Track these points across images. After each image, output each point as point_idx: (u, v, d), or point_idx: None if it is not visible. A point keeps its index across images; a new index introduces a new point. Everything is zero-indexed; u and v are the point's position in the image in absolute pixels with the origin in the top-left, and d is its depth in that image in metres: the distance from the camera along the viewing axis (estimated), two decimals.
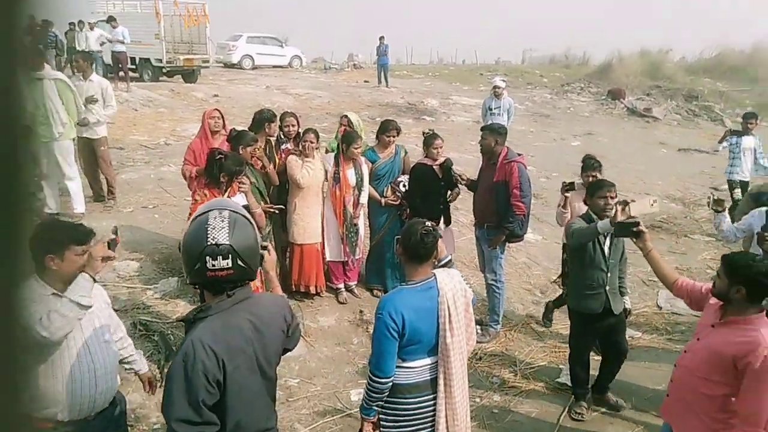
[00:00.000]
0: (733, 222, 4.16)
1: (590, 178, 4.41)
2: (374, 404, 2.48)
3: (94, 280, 2.24)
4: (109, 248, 2.30)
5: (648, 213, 3.42)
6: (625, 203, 3.26)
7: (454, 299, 2.46)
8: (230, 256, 1.66)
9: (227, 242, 1.66)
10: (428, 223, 2.50)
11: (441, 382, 2.50)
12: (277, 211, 4.63)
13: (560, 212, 4.66)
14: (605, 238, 3.70)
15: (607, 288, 3.73)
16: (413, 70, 26.91)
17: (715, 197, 4.16)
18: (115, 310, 4.46)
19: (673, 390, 2.70)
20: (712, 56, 23.77)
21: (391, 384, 2.43)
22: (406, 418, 2.50)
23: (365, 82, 20.58)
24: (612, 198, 3.64)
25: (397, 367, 2.44)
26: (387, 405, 2.50)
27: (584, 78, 22.41)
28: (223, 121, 4.99)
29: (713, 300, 2.57)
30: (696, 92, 19.45)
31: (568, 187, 4.58)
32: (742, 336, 2.33)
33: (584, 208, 3.93)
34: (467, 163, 8.70)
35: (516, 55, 34.54)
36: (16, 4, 0.57)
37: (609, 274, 3.73)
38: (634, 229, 2.96)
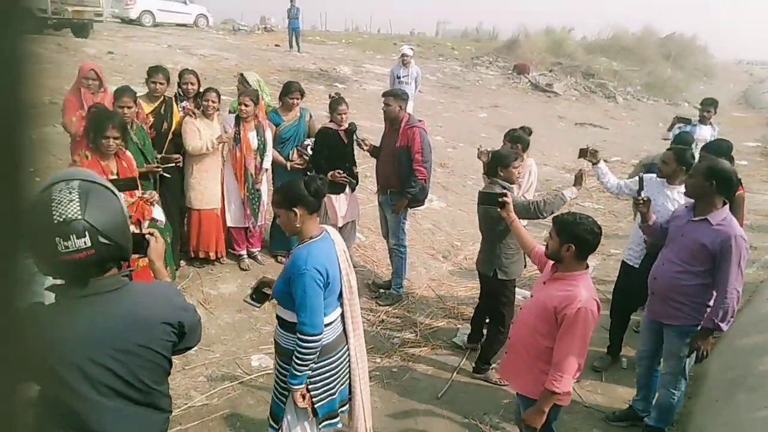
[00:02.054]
0: None
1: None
2: (307, 369, 2.42)
3: None
4: None
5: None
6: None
7: (341, 244, 2.61)
8: (87, 233, 1.38)
9: (79, 216, 1.37)
10: (321, 176, 2.54)
11: (350, 329, 2.61)
12: (162, 171, 4.30)
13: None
14: None
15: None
16: (327, 37, 26.35)
17: (591, 148, 4.28)
18: None
19: (510, 346, 2.88)
20: (608, 37, 25.31)
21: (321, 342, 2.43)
22: (333, 377, 2.54)
23: (276, 45, 19.87)
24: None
25: None
26: (315, 369, 2.47)
27: (493, 52, 23.08)
28: (101, 81, 4.51)
29: (547, 266, 2.78)
30: (593, 70, 20.70)
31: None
32: (563, 290, 2.53)
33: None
34: (378, 131, 8.67)
35: (431, 27, 34.94)
36: None
37: None
38: (500, 200, 3.20)
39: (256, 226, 5.09)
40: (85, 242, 1.38)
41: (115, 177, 3.53)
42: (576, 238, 2.51)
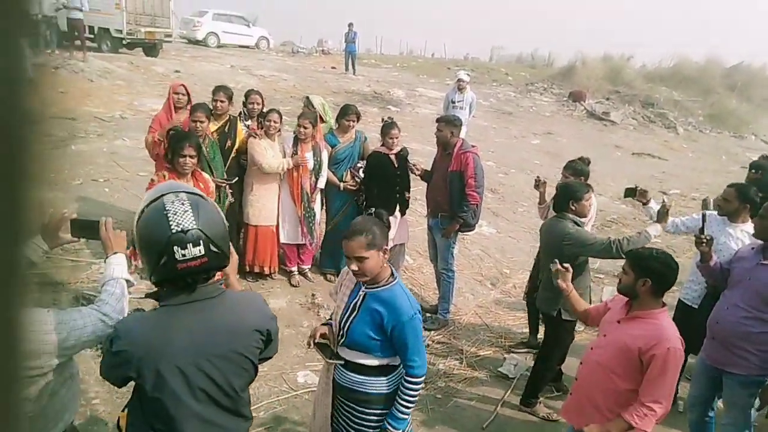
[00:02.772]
0: None
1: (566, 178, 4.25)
2: (411, 410, 2.36)
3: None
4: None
5: None
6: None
7: None
8: (201, 241, 1.44)
9: (195, 227, 1.44)
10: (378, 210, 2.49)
11: None
12: (229, 188, 4.56)
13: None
14: None
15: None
16: (382, 60, 26.83)
17: (639, 188, 4.12)
18: (57, 284, 4.36)
19: (578, 388, 2.72)
20: (670, 66, 24.61)
21: None
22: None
23: (332, 68, 20.41)
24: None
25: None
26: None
27: (548, 78, 22.86)
28: (189, 97, 4.90)
29: (617, 298, 2.67)
30: (653, 99, 20.14)
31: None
32: (646, 330, 2.41)
33: None
34: (429, 154, 8.75)
35: (485, 52, 34.93)
36: None
37: None
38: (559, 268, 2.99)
39: (312, 243, 5.21)
40: (200, 250, 1.44)
41: None
42: (652, 272, 2.41)
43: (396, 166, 5.00)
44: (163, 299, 1.53)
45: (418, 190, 6.58)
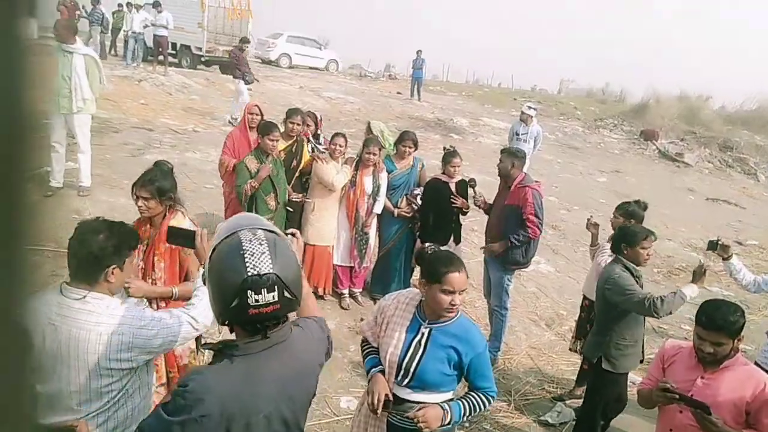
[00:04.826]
0: None
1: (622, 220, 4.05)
2: None
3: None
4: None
5: None
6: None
7: None
8: (276, 287, 1.34)
9: (271, 271, 1.34)
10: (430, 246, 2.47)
11: None
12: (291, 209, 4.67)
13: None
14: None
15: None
16: (447, 87, 26.95)
17: (721, 242, 3.88)
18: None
19: None
20: (752, 108, 23.34)
21: None
22: None
23: (398, 93, 20.66)
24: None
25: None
26: None
27: (619, 115, 22.17)
28: (262, 117, 5.07)
29: (676, 358, 2.52)
30: (732, 143, 19.08)
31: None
32: (744, 377, 2.33)
33: None
34: (489, 185, 8.61)
35: (553, 84, 34.38)
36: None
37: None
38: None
39: (361, 267, 5.19)
40: (273, 297, 1.35)
41: None
42: (741, 328, 2.33)
43: (454, 194, 4.92)
44: (237, 350, 1.42)
45: (476, 221, 6.47)
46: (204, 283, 1.52)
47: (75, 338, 1.83)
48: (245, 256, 1.34)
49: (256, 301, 1.33)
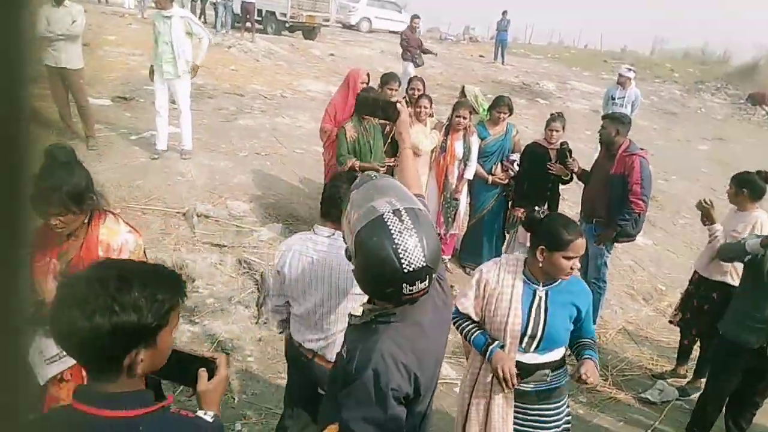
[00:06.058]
0: None
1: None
2: None
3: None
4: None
5: None
6: None
7: None
8: (428, 277, 1.38)
9: (424, 263, 1.35)
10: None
11: None
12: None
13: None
14: None
15: None
16: (531, 50, 25.79)
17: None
18: (222, 246, 4.77)
19: None
20: None
21: None
22: None
23: (480, 56, 20.03)
24: None
25: None
26: None
27: (722, 77, 20.36)
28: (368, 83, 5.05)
29: None
30: None
31: None
32: None
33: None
34: (579, 152, 8.21)
35: (645, 45, 32.00)
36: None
37: None
38: None
39: (447, 234, 5.15)
40: (425, 284, 1.39)
41: None
42: None
43: (553, 161, 4.74)
44: (395, 317, 1.49)
45: (569, 189, 6.21)
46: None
47: (329, 267, 2.21)
48: (398, 251, 1.33)
49: (410, 291, 1.37)
